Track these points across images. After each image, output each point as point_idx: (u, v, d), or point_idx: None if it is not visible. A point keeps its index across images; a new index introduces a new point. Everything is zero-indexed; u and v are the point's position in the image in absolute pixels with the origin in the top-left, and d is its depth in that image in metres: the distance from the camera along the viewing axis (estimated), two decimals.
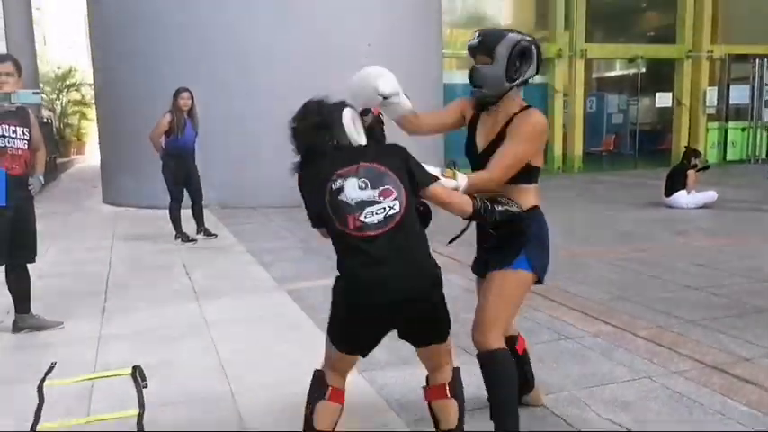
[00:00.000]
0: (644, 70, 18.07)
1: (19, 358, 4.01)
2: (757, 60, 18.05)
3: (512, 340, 3.00)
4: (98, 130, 14.19)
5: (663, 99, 17.85)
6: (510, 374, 2.68)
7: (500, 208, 2.60)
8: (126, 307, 5.06)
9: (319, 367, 2.57)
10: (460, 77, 16.66)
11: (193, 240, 7.77)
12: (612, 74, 21.92)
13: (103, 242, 7.98)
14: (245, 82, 10.64)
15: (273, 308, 4.89)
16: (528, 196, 2.77)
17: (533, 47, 2.66)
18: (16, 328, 4.52)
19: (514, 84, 2.66)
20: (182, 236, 7.75)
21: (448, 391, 2.55)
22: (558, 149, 16.88)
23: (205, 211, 8.32)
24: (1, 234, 4.26)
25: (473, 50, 2.72)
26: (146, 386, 3.42)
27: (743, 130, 18.36)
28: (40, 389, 3.42)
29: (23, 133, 4.37)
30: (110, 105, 12.47)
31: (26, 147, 4.39)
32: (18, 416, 3.14)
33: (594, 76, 21.70)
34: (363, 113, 2.58)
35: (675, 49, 17.72)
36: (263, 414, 3.10)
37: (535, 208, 2.81)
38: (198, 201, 7.99)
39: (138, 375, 3.55)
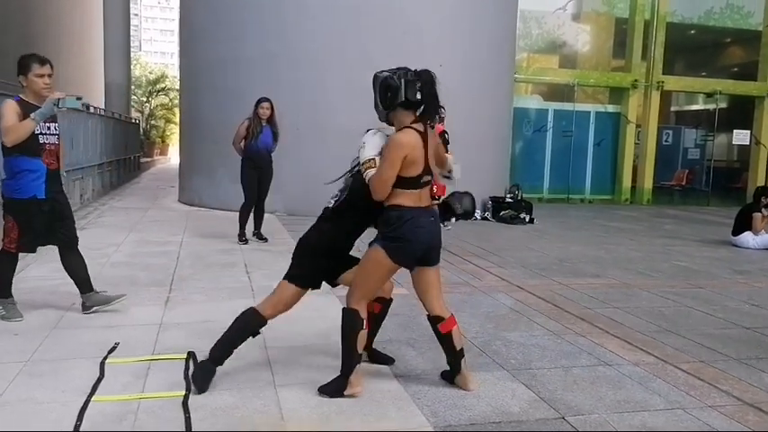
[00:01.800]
0: (723, 106, 17.62)
1: (87, 337, 4.32)
2: None
3: (435, 320, 3.63)
4: (179, 133, 14.91)
5: (740, 136, 17.33)
6: (352, 330, 3.43)
7: None
8: (187, 299, 5.39)
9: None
10: (534, 102, 16.70)
11: (245, 241, 8.20)
12: (690, 107, 21.44)
13: (174, 238, 8.43)
14: (320, 94, 10.98)
15: (321, 310, 5.09)
16: (399, 197, 3.38)
17: (395, 77, 3.34)
18: (85, 307, 4.86)
19: (390, 110, 3.40)
20: (242, 235, 8.21)
21: None
22: (626, 181, 16.61)
23: (272, 217, 8.66)
24: (38, 224, 4.61)
25: None
26: None
27: None
28: (102, 365, 3.75)
29: (55, 129, 4.69)
30: (190, 110, 13.09)
31: (57, 141, 4.71)
32: (78, 388, 3.43)
33: (672, 108, 21.29)
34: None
35: (756, 86, 17.24)
36: (301, 407, 3.29)
37: (399, 207, 3.38)
38: (261, 205, 8.37)
39: (191, 361, 3.82)
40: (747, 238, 9.39)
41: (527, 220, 11.60)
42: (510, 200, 12.08)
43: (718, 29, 17.96)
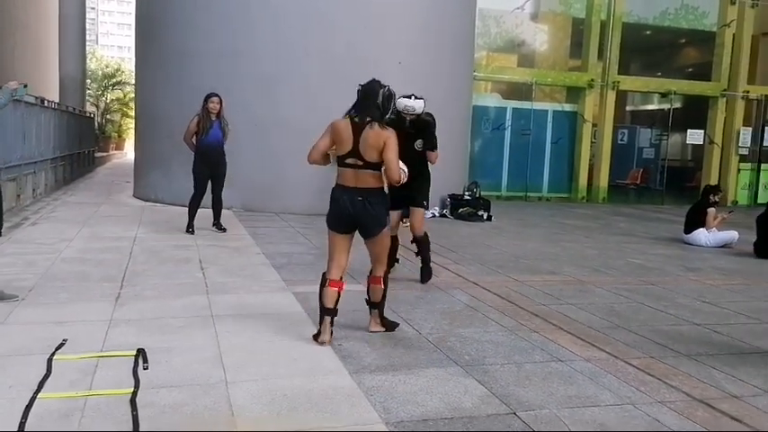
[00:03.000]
0: (677, 105, 17.97)
1: (35, 333, 4.20)
2: None
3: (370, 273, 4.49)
4: (135, 128, 14.63)
5: (694, 136, 17.67)
6: (320, 287, 4.24)
7: None
8: (139, 295, 5.28)
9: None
10: (493, 101, 16.82)
11: (191, 232, 8.33)
12: (645, 107, 21.83)
13: (128, 233, 8.26)
14: (279, 90, 10.86)
15: (278, 307, 5.05)
16: None
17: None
18: None
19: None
20: (189, 226, 8.38)
21: None
22: (583, 179, 16.81)
23: (228, 213, 8.59)
24: None
25: None
26: (146, 368, 3.60)
27: None
28: (49, 361, 3.64)
29: None
30: (147, 105, 12.84)
31: None
32: (25, 384, 3.33)
33: (628, 108, 21.63)
34: None
35: (710, 86, 17.60)
36: (252, 404, 3.24)
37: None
38: (218, 197, 8.50)
39: (140, 358, 3.74)
40: (700, 235, 9.56)
41: (485, 217, 11.67)
42: (468, 197, 12.14)
43: (674, 29, 18.27)
